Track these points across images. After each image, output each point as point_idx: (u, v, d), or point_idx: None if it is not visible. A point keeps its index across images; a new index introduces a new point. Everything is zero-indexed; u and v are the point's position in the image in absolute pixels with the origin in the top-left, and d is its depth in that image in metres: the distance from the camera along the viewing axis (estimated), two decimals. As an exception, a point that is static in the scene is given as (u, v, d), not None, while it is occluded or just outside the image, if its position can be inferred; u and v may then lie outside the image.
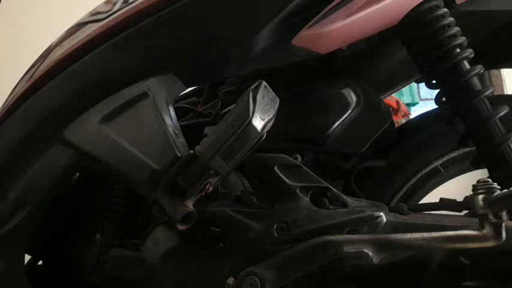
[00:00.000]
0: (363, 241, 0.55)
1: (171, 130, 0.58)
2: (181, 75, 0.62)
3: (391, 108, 0.91)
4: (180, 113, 0.77)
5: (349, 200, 0.61)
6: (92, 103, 0.60)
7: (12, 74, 0.84)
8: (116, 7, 0.62)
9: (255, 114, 0.53)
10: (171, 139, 0.57)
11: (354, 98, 0.70)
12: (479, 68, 0.65)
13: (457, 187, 0.92)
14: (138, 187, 0.58)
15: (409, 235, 0.55)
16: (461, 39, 0.65)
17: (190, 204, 0.55)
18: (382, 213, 0.59)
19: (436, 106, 0.72)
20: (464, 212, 0.65)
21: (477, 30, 0.72)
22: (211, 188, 0.56)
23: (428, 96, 3.26)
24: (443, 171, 0.80)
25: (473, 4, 0.68)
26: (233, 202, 0.64)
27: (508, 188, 0.52)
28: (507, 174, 0.64)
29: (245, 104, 0.54)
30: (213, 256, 0.61)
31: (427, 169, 0.79)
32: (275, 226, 0.59)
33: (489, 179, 0.53)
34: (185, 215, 0.54)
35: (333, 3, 0.55)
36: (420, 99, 3.36)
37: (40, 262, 0.76)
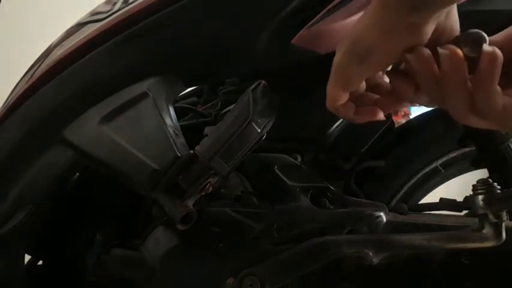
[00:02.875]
0: (363, 241, 0.55)
1: (171, 130, 0.58)
2: (181, 75, 0.62)
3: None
4: (180, 113, 0.77)
5: (349, 200, 0.61)
6: (92, 103, 0.60)
7: (12, 74, 0.84)
8: (116, 7, 0.62)
9: (255, 114, 0.53)
10: (171, 139, 0.57)
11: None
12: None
13: (457, 187, 0.92)
14: (138, 187, 0.58)
15: (409, 235, 0.55)
16: (462, 39, 0.65)
17: (190, 204, 0.55)
18: (382, 213, 0.59)
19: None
20: (464, 212, 0.65)
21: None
22: (211, 188, 0.56)
23: (428, 96, 3.25)
24: (443, 171, 0.80)
25: (473, 4, 0.68)
26: (233, 202, 0.64)
27: (508, 188, 0.52)
28: (507, 174, 0.64)
29: (245, 104, 0.54)
30: (213, 256, 0.61)
31: (427, 169, 0.79)
32: (275, 226, 0.59)
33: (489, 179, 0.54)
34: (185, 215, 0.54)
35: (333, 3, 0.55)
36: (420, 99, 3.35)
37: (40, 262, 0.76)
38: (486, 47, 0.35)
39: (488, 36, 0.37)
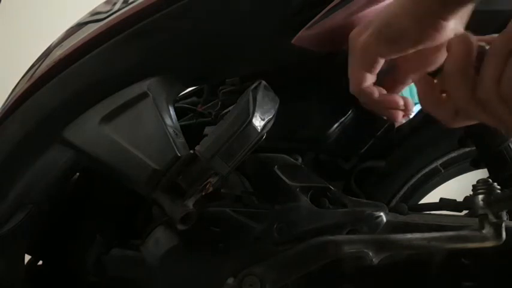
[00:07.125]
0: (363, 241, 0.55)
1: (171, 130, 0.58)
2: (181, 75, 0.62)
3: (391, 108, 0.91)
4: (180, 113, 0.77)
5: (349, 200, 0.61)
6: (91, 103, 0.60)
7: (12, 74, 0.84)
8: (116, 7, 0.62)
9: (255, 114, 0.53)
10: (171, 139, 0.57)
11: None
12: (479, 68, 0.65)
13: (457, 187, 0.92)
14: (138, 187, 0.58)
15: (409, 235, 0.55)
16: (462, 39, 0.64)
17: (190, 204, 0.55)
18: (382, 213, 0.59)
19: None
20: (464, 212, 0.65)
21: (478, 30, 0.72)
22: (211, 188, 0.56)
23: (429, 96, 3.24)
24: (443, 171, 0.79)
25: (473, 4, 0.68)
26: (233, 202, 0.64)
27: (508, 188, 0.52)
28: (507, 174, 0.64)
29: (245, 104, 0.54)
30: (213, 256, 0.61)
31: (427, 169, 0.79)
32: (275, 226, 0.59)
33: (489, 179, 0.54)
34: (185, 215, 0.54)
35: (333, 3, 0.55)
36: (420, 99, 3.35)
37: (40, 262, 0.76)
38: None
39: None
